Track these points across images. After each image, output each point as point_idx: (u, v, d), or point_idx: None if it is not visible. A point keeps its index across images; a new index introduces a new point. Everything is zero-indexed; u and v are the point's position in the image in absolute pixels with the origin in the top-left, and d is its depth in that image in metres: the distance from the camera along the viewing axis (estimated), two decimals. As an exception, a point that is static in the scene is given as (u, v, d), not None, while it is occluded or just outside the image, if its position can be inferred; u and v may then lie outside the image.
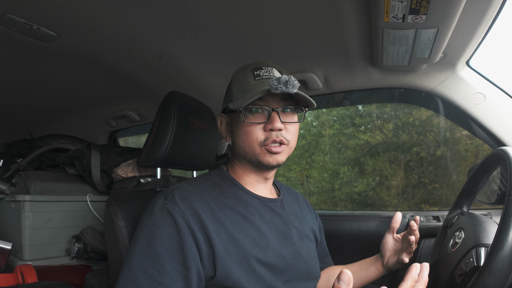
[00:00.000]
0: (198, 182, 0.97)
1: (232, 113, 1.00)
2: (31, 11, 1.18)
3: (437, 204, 2.56)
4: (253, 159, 0.96)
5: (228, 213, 0.91)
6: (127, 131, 2.72)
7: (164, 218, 0.83)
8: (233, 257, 0.85)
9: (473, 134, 1.52)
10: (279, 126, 0.92)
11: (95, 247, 1.65)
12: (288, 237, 1.00)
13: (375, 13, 1.08)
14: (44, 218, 1.62)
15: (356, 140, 3.03)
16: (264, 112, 0.94)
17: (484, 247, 0.84)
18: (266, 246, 0.92)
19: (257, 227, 0.94)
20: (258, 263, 0.89)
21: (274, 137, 0.92)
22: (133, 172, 1.69)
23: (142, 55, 1.53)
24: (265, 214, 0.99)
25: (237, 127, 0.98)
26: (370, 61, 1.46)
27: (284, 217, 1.03)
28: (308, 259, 1.04)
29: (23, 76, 1.76)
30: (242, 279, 0.85)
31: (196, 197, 0.89)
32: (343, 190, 3.10)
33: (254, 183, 1.04)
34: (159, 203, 0.86)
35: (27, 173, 1.69)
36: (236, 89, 0.98)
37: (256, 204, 1.00)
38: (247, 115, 0.94)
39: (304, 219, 1.14)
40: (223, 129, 1.05)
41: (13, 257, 1.61)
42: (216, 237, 0.85)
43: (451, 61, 1.38)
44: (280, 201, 1.08)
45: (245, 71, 1.00)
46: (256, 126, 0.94)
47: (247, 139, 0.94)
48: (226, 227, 0.88)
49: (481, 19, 1.10)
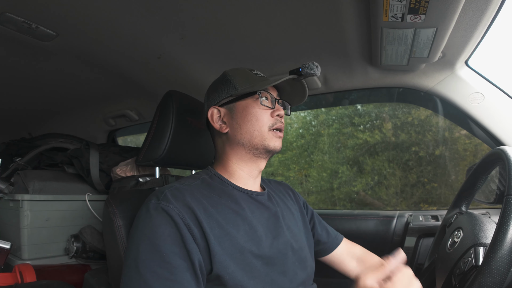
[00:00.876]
0: (187, 181, 0.98)
1: (233, 103, 1.04)
2: (29, 10, 1.18)
3: (436, 203, 2.57)
4: (259, 145, 1.01)
5: (219, 209, 0.92)
6: (126, 130, 2.71)
7: (161, 217, 0.84)
8: (227, 251, 0.86)
9: (472, 133, 1.52)
10: (283, 113, 1.05)
11: (94, 246, 1.65)
12: (278, 229, 1.01)
13: (374, 13, 1.08)
14: (42, 217, 1.62)
15: (355, 139, 3.03)
16: (268, 101, 1.04)
17: (483, 247, 0.84)
18: (258, 239, 0.93)
19: (248, 221, 0.95)
20: (252, 256, 0.90)
21: (280, 123, 1.03)
22: (131, 172, 1.69)
23: (141, 54, 1.53)
24: (254, 208, 1.01)
25: (243, 114, 1.02)
26: (369, 60, 1.46)
27: (273, 209, 1.05)
28: (299, 249, 1.05)
29: (22, 75, 1.76)
30: (237, 273, 0.86)
31: (188, 194, 0.90)
32: (342, 190, 3.11)
33: (246, 179, 1.06)
34: (153, 204, 0.87)
35: (26, 172, 1.69)
36: (239, 81, 1.05)
37: (246, 198, 1.02)
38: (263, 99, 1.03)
39: (291, 208, 1.16)
40: (215, 120, 1.06)
41: (12, 256, 1.61)
42: (210, 232, 0.85)
43: (450, 61, 1.38)
44: (267, 193, 1.10)
45: (241, 69, 1.10)
46: (266, 111, 1.02)
47: (258, 123, 1.01)
48: (219, 222, 0.89)
49: (480, 19, 1.10)
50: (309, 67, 0.99)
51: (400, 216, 1.67)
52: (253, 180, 1.08)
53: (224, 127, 1.05)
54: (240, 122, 1.02)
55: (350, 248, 1.29)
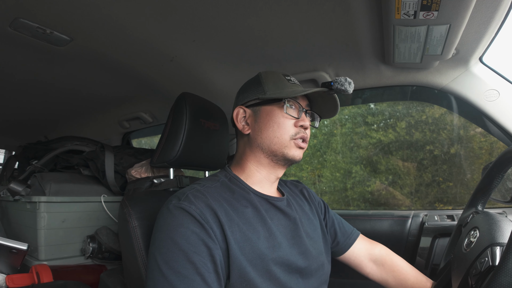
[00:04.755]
0: (207, 183, 0.98)
1: (259, 106, 1.04)
2: (43, 16, 1.20)
3: (451, 203, 2.53)
4: (278, 152, 1.00)
5: (240, 213, 0.92)
6: (140, 132, 2.74)
7: (183, 216, 0.83)
8: (248, 257, 0.86)
9: (487, 131, 1.50)
10: (308, 124, 1.02)
11: (109, 247, 1.68)
12: (296, 237, 1.01)
13: (386, 10, 1.07)
14: (59, 219, 1.65)
15: (368, 138, 3.00)
16: (294, 110, 1.02)
17: (500, 246, 0.83)
18: (278, 246, 0.92)
19: (268, 227, 0.94)
20: (273, 263, 0.89)
21: (303, 134, 1.01)
22: (146, 173, 1.71)
23: (154, 57, 1.54)
24: (273, 215, 1.00)
25: (266, 119, 1.02)
26: (381, 58, 1.45)
27: (292, 215, 1.04)
28: (317, 255, 1.05)
29: (37, 80, 1.79)
30: (256, 280, 0.85)
31: (209, 196, 0.90)
32: (355, 190, 3.08)
33: (263, 181, 1.05)
34: (174, 204, 0.87)
35: (42, 175, 1.72)
36: (270, 85, 1.04)
37: (265, 204, 1.01)
38: (288, 107, 1.01)
39: (309, 214, 1.16)
40: (239, 119, 1.06)
41: (28, 257, 1.64)
42: (231, 236, 0.85)
43: (464, 58, 1.36)
44: (286, 199, 1.09)
45: (275, 73, 1.09)
46: (290, 120, 1.01)
47: (279, 130, 1.00)
48: (240, 226, 0.88)
49: (494, 14, 1.09)
50: (340, 82, 0.97)
51: (415, 216, 1.65)
52: (270, 184, 1.07)
53: (247, 128, 1.05)
54: (262, 126, 1.02)
55: (369, 248, 1.27)
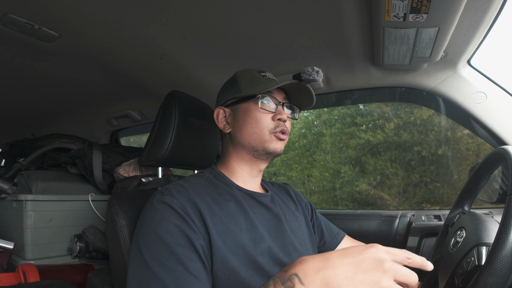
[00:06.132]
0: (192, 179, 1.00)
1: (236, 104, 1.06)
2: (32, 11, 1.18)
3: (439, 203, 2.56)
4: (259, 147, 1.02)
5: (223, 208, 0.93)
6: (129, 130, 2.72)
7: (166, 210, 0.85)
8: (230, 248, 0.87)
9: (474, 133, 1.52)
10: (285, 117, 1.03)
11: (97, 246, 1.66)
12: (279, 231, 1.02)
13: (376, 12, 1.08)
14: (46, 218, 1.63)
15: (357, 139, 3.03)
16: (271, 104, 1.04)
17: (486, 246, 0.84)
18: (260, 238, 0.94)
19: (250, 220, 0.96)
20: (256, 254, 0.90)
21: (282, 127, 1.02)
22: (134, 172, 1.70)
23: (143, 55, 1.53)
24: (256, 209, 1.02)
25: (244, 116, 1.03)
26: (371, 60, 1.46)
27: (275, 211, 1.06)
28: (303, 251, 1.06)
29: (25, 76, 1.76)
30: (239, 269, 0.86)
31: (192, 191, 0.91)
32: (344, 189, 3.10)
33: (246, 177, 1.08)
34: (157, 199, 0.88)
35: (29, 173, 1.69)
36: (244, 83, 1.06)
37: (248, 199, 1.03)
38: (263, 102, 1.02)
39: (295, 212, 1.17)
40: (220, 120, 1.09)
41: (15, 256, 1.61)
42: (213, 228, 0.86)
43: (452, 60, 1.38)
44: (270, 196, 1.11)
45: (250, 71, 1.11)
46: (267, 115, 1.02)
47: (258, 126, 1.01)
48: (222, 219, 0.90)
49: (482, 18, 1.10)
50: (308, 72, 0.98)
51: (402, 215, 1.67)
52: (252, 180, 1.09)
53: (227, 127, 1.07)
54: (241, 123, 1.04)
55: None
